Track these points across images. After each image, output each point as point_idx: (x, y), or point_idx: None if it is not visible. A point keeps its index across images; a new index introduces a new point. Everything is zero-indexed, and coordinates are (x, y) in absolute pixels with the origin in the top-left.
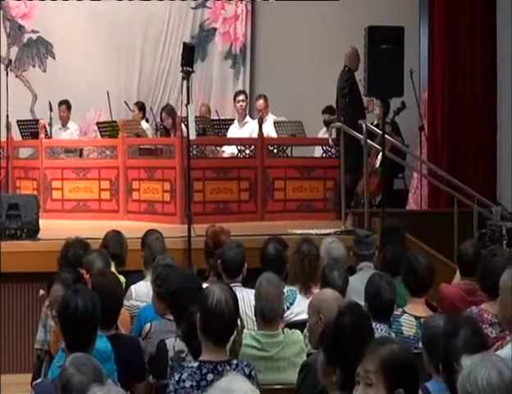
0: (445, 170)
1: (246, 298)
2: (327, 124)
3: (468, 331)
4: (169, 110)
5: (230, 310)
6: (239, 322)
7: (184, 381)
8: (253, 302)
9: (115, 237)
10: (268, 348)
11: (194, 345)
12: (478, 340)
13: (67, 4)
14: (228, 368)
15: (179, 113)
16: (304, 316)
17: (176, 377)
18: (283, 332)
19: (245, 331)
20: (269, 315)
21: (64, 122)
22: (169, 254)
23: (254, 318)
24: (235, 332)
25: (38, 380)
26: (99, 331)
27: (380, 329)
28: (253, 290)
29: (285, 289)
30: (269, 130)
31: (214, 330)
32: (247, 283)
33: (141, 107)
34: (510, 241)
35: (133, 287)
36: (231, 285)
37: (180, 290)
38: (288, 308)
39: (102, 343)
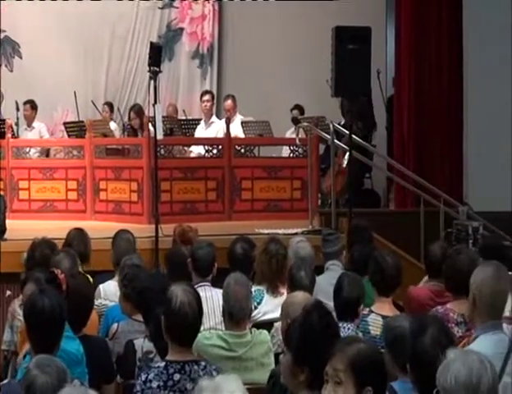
0: (411, 169)
1: (215, 298)
2: (296, 121)
3: (435, 330)
4: (137, 110)
5: (193, 312)
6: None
7: (150, 381)
8: (221, 302)
9: (78, 235)
10: (236, 348)
11: (161, 346)
12: (446, 339)
13: (34, 3)
14: (196, 368)
15: (146, 113)
16: (271, 316)
17: (143, 378)
18: (250, 332)
19: (212, 331)
20: (237, 315)
21: (29, 122)
22: (138, 254)
23: (222, 319)
24: None
25: (5, 381)
26: (71, 333)
27: (347, 328)
28: (221, 290)
29: (253, 289)
30: (237, 131)
31: (178, 332)
32: (215, 283)
33: (111, 107)
34: (476, 241)
35: (101, 286)
36: (201, 284)
37: (147, 291)
38: (255, 307)
39: (74, 346)
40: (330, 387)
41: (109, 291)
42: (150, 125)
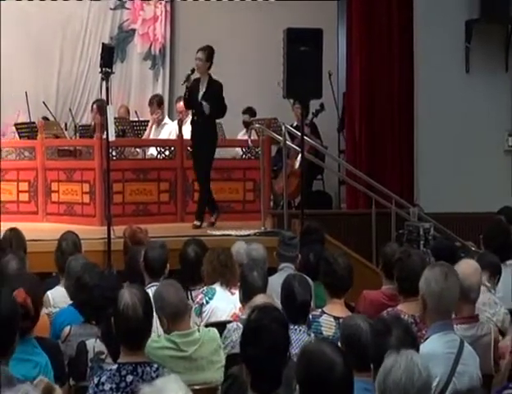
0: (363, 171)
1: None
2: (247, 125)
3: (400, 330)
4: (100, 105)
5: (137, 316)
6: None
7: (103, 384)
8: None
9: (16, 236)
10: (185, 347)
11: (113, 347)
12: (411, 339)
13: None
14: (148, 369)
15: None
16: (223, 313)
17: (96, 381)
18: (198, 331)
19: (161, 335)
20: (178, 310)
21: None
22: (82, 255)
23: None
24: None
25: None
26: (30, 338)
27: (298, 330)
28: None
29: (204, 288)
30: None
31: (125, 334)
32: None
33: None
34: (427, 242)
35: (49, 293)
36: (153, 284)
37: (97, 290)
38: (207, 302)
39: (42, 358)
40: None
41: (58, 298)
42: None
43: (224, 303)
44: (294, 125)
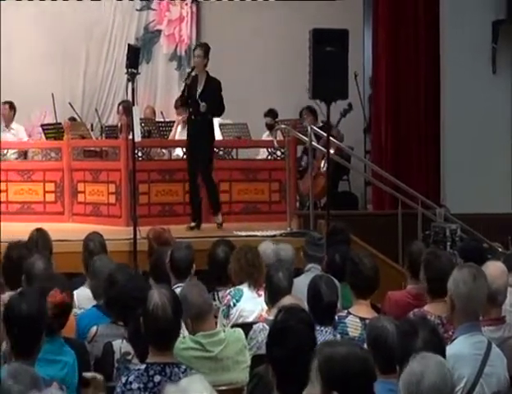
0: (389, 171)
1: None
2: (270, 127)
3: (426, 331)
4: (126, 106)
5: (166, 316)
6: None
7: (131, 383)
8: None
9: (42, 236)
10: (210, 348)
11: (140, 348)
12: (437, 340)
13: (11, 4)
14: (177, 370)
15: None
16: (250, 314)
17: (123, 380)
18: (223, 331)
19: (186, 334)
20: (202, 309)
21: (7, 122)
22: (108, 256)
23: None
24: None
25: None
26: (59, 338)
27: (324, 331)
28: None
29: (231, 290)
30: (215, 134)
31: (154, 335)
32: None
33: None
34: (454, 243)
35: (75, 293)
36: (179, 285)
37: (127, 292)
38: (234, 305)
39: (70, 356)
40: (308, 386)
41: (82, 299)
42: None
43: (251, 304)
44: (320, 125)
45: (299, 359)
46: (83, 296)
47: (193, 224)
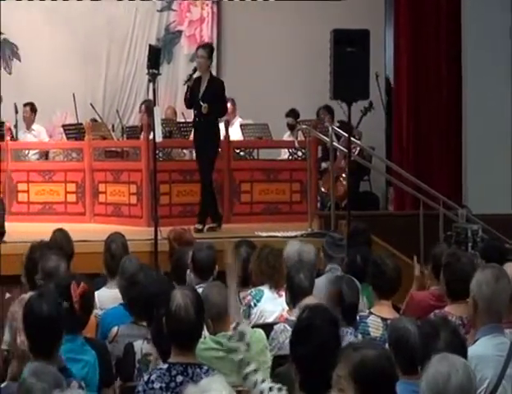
0: (411, 172)
1: None
2: (291, 127)
3: (447, 332)
4: (148, 105)
5: (189, 317)
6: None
7: (153, 382)
8: None
9: (64, 236)
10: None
11: (163, 348)
12: (458, 341)
13: (33, 5)
14: (199, 371)
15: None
16: (271, 315)
17: (145, 378)
18: None
19: (207, 334)
20: (222, 309)
21: (28, 124)
22: (131, 256)
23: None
24: None
25: (4, 383)
26: (80, 337)
27: (345, 332)
28: None
29: (252, 290)
30: (236, 134)
31: (175, 335)
32: None
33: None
34: (476, 244)
35: (96, 294)
36: (201, 285)
37: (152, 293)
38: (255, 305)
39: (91, 356)
40: (333, 393)
41: (104, 299)
42: None
43: (272, 305)
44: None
45: (324, 356)
46: (104, 297)
47: (200, 226)
